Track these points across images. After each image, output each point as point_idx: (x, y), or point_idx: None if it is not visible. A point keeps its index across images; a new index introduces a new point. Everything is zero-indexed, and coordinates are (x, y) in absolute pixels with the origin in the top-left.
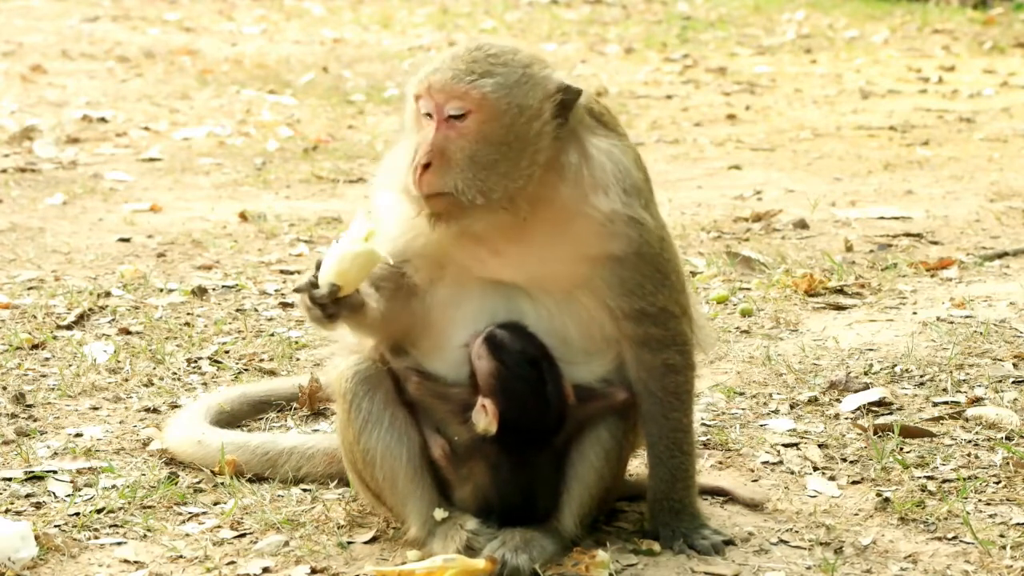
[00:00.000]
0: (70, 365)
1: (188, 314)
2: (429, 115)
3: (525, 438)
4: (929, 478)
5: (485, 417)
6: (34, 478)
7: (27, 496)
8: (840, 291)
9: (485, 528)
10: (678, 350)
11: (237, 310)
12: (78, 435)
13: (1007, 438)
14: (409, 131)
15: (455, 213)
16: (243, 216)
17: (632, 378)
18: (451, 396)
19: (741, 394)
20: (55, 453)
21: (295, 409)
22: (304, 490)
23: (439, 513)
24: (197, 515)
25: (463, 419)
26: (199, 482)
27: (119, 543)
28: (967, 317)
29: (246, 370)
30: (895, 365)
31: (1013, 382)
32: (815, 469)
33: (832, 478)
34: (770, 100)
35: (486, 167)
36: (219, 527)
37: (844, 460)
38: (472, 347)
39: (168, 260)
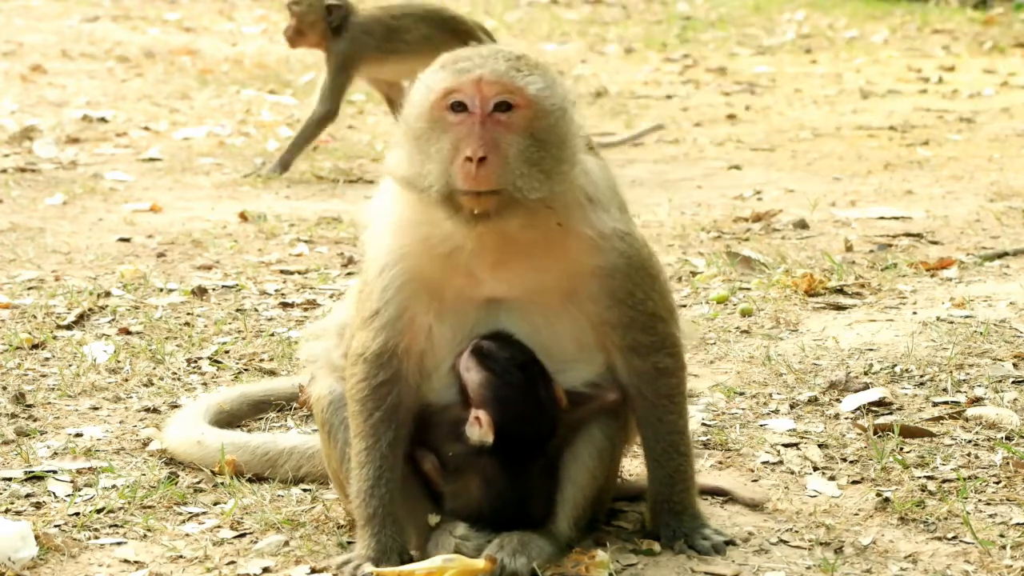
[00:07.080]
0: (70, 365)
1: (188, 314)
2: (460, 109)
3: (521, 445)
4: (929, 478)
5: (479, 429)
6: (34, 478)
7: (27, 496)
8: (840, 291)
9: (474, 532)
10: (668, 353)
11: (237, 310)
12: (78, 435)
13: (1007, 438)
14: (419, 134)
15: (502, 212)
16: (243, 216)
17: (624, 383)
18: (442, 418)
19: (741, 394)
20: (55, 453)
21: (295, 409)
22: (304, 490)
23: (432, 519)
24: (197, 515)
25: (456, 435)
26: (199, 482)
27: (119, 543)
28: (967, 317)
29: (246, 370)
30: (895, 365)
31: (1013, 382)
32: (815, 469)
33: (832, 478)
34: (770, 100)
35: (535, 163)
36: (219, 527)
37: (844, 460)
38: (459, 363)
39: (168, 260)
